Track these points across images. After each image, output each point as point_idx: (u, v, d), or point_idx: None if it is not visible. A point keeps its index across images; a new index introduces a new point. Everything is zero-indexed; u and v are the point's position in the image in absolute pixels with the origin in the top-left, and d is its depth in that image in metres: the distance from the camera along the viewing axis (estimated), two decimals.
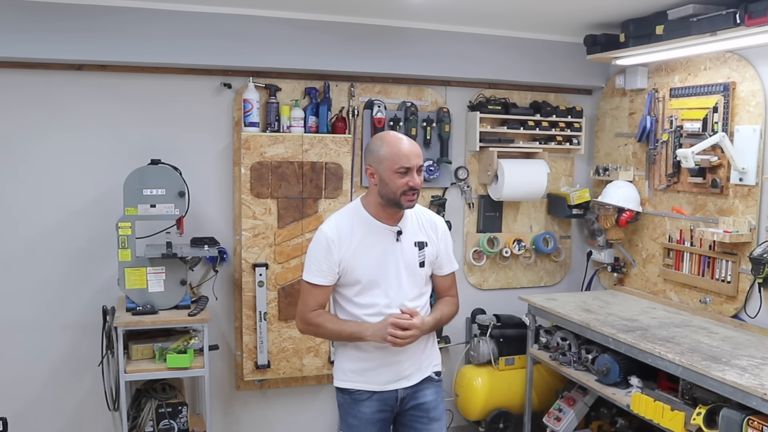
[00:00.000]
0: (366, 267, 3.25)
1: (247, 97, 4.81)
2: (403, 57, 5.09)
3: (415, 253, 3.33)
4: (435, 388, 3.47)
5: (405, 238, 3.32)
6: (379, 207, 3.26)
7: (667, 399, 3.95)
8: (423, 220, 3.41)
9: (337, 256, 3.23)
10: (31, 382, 4.80)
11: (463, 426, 5.76)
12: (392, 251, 3.29)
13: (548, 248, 5.80)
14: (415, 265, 3.33)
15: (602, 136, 5.75)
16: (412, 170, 3.17)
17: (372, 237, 3.28)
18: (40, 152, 4.65)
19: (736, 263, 4.45)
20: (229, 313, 5.15)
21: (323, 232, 3.27)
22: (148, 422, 4.42)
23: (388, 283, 3.28)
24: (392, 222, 3.30)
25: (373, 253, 3.26)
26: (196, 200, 4.72)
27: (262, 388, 5.23)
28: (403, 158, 3.15)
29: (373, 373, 3.33)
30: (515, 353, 5.42)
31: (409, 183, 3.16)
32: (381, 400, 3.35)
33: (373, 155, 3.23)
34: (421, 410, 3.42)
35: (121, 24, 4.46)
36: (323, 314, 3.30)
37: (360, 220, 3.29)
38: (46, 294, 4.76)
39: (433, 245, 3.39)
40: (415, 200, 3.25)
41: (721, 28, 3.96)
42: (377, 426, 3.38)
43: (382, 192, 3.21)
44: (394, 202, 3.20)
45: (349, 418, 3.39)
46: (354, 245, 3.24)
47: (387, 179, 3.17)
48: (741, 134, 4.39)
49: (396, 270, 3.29)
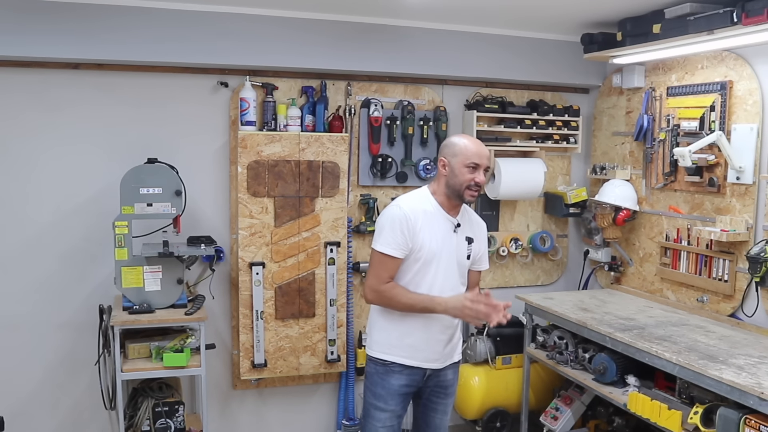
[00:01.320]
0: (428, 247, 3.57)
1: (243, 96, 4.81)
2: (400, 56, 5.09)
3: (465, 245, 3.70)
4: (454, 368, 3.86)
5: (461, 230, 3.68)
6: (445, 197, 3.62)
7: (664, 398, 3.95)
8: (473, 219, 3.81)
9: (411, 231, 3.53)
10: (27, 381, 4.79)
11: (460, 425, 5.75)
12: (449, 239, 3.64)
13: (545, 247, 5.80)
14: (463, 256, 3.69)
15: (599, 135, 5.75)
16: (479, 168, 3.54)
17: (437, 222, 3.62)
18: (36, 151, 4.64)
19: (733, 262, 4.45)
20: (226, 312, 5.14)
21: (401, 208, 3.57)
22: (145, 421, 4.42)
23: (440, 266, 3.60)
24: (453, 214, 3.67)
25: (436, 236, 3.59)
26: (192, 199, 4.72)
27: (258, 387, 5.22)
28: (475, 155, 3.54)
29: (412, 349, 3.64)
30: (512, 352, 5.42)
31: (475, 179, 3.53)
32: (410, 375, 3.68)
33: (449, 148, 3.62)
34: (441, 387, 3.80)
35: (118, 23, 4.45)
36: (397, 287, 3.58)
37: (429, 205, 3.63)
38: (43, 293, 4.75)
39: (478, 243, 3.79)
40: (476, 196, 3.59)
41: (718, 27, 3.96)
42: (402, 398, 3.71)
43: (450, 182, 3.57)
44: (458, 194, 3.57)
45: (377, 388, 3.70)
46: (424, 225, 3.56)
47: (457, 171, 3.54)
48: (738, 133, 4.39)
49: (448, 256, 3.62)
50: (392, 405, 3.68)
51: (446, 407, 3.85)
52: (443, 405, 3.83)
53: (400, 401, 3.70)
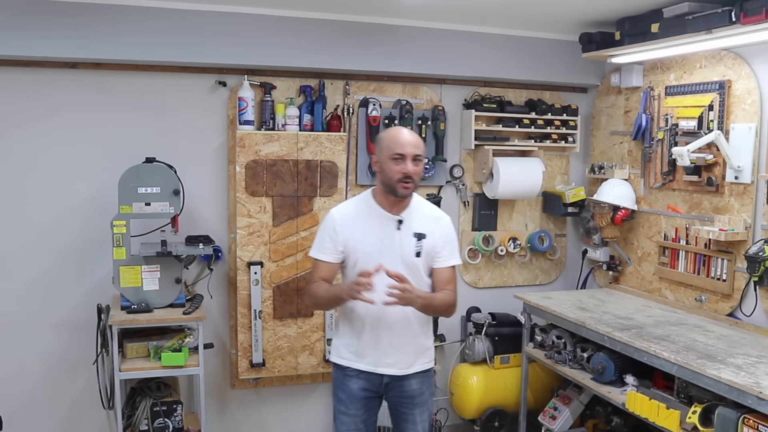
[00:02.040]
0: (364, 249, 3.48)
1: (242, 95, 4.80)
2: (399, 55, 5.08)
3: (413, 242, 3.51)
4: (421, 378, 3.66)
5: (405, 227, 3.52)
6: (384, 195, 3.51)
7: (663, 397, 3.94)
8: (427, 214, 3.62)
9: (341, 236, 3.48)
10: (25, 380, 4.79)
11: (458, 425, 5.75)
12: (390, 238, 3.50)
13: (543, 246, 5.79)
14: (411, 254, 3.51)
15: (597, 134, 5.75)
16: (406, 158, 3.39)
17: (374, 222, 3.51)
18: (34, 150, 4.64)
19: (732, 261, 4.45)
20: (224, 311, 5.14)
21: (331, 214, 3.57)
22: (143, 421, 4.41)
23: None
24: (395, 211, 3.52)
25: (372, 237, 3.49)
26: (190, 198, 4.72)
27: (257, 386, 5.22)
28: (398, 146, 3.40)
29: (361, 353, 3.56)
30: (510, 352, 5.42)
31: (403, 170, 3.37)
32: (367, 380, 3.58)
33: (377, 144, 3.55)
34: (406, 396, 3.63)
35: (116, 22, 4.44)
36: (321, 283, 3.52)
37: (366, 206, 3.56)
38: (41, 292, 4.75)
39: (432, 238, 3.55)
40: (410, 188, 3.44)
41: (716, 26, 3.96)
42: (363, 402, 3.61)
43: (381, 178, 3.47)
44: (391, 189, 3.43)
45: (338, 392, 3.65)
46: (357, 227, 3.50)
47: (385, 166, 3.43)
48: (736, 132, 4.39)
49: (392, 256, 3.46)
50: (353, 409, 3.58)
51: (416, 418, 3.64)
52: (412, 416, 3.63)
53: (361, 405, 3.60)
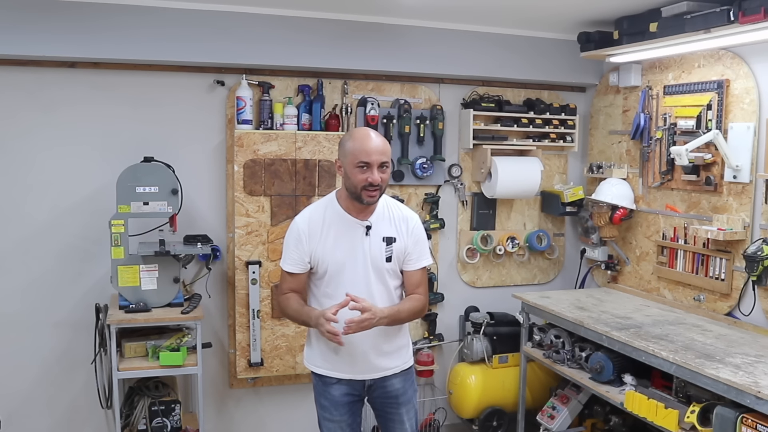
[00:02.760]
0: (334, 258, 3.37)
1: (240, 95, 4.80)
2: (397, 54, 5.08)
3: (382, 248, 3.42)
4: (403, 376, 3.60)
5: (374, 232, 3.41)
6: (349, 201, 3.38)
7: (661, 397, 3.94)
8: (395, 216, 3.49)
9: (308, 246, 3.37)
10: (23, 379, 4.79)
11: (456, 424, 5.75)
12: (360, 245, 3.39)
13: (542, 246, 5.79)
14: (381, 260, 3.41)
15: (596, 134, 5.75)
16: (372, 166, 3.25)
17: (342, 229, 3.39)
18: (32, 150, 4.63)
19: (730, 261, 4.45)
20: (222, 310, 5.13)
21: (296, 223, 3.44)
22: (141, 420, 4.42)
23: (355, 274, 3.37)
24: (362, 216, 3.40)
25: (341, 246, 3.37)
26: (189, 198, 4.71)
27: (255, 385, 5.21)
28: (363, 154, 3.24)
29: (340, 362, 3.46)
30: (509, 351, 5.42)
31: (368, 179, 3.24)
32: (348, 385, 3.51)
33: (341, 148, 3.37)
34: (389, 397, 3.58)
35: (115, 21, 4.44)
36: (291, 297, 3.44)
37: (332, 212, 3.42)
38: (39, 291, 4.75)
39: (402, 241, 3.47)
40: (375, 197, 3.32)
41: (714, 26, 3.96)
42: (347, 407, 3.55)
43: (346, 185, 3.34)
44: (356, 196, 3.31)
45: (321, 399, 3.57)
46: (324, 237, 3.37)
47: (349, 173, 3.29)
48: (735, 132, 4.39)
49: (363, 263, 3.38)
50: (338, 415, 3.53)
51: (402, 416, 3.59)
52: (398, 415, 3.58)
53: (346, 411, 3.54)
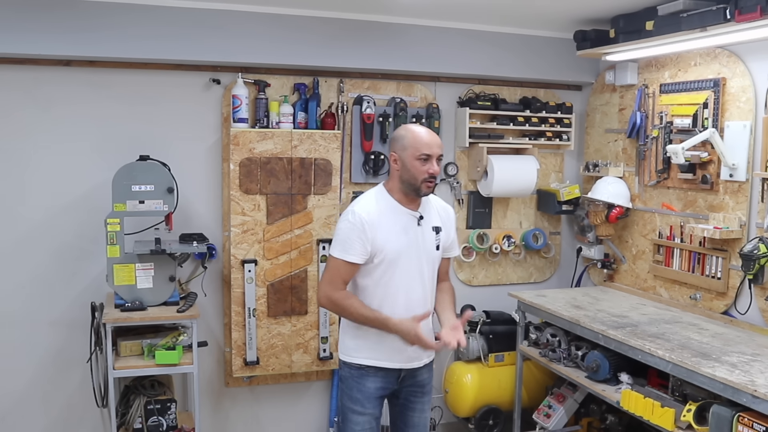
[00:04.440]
0: (391, 248, 3.44)
1: (236, 93, 4.79)
2: (393, 53, 5.08)
3: (432, 237, 3.57)
4: (428, 367, 3.74)
5: (425, 222, 3.54)
6: (401, 193, 3.48)
7: (657, 396, 3.95)
8: (438, 206, 3.68)
9: (371, 235, 3.40)
10: (19, 378, 4.77)
11: (452, 423, 5.75)
12: (414, 234, 3.50)
13: (538, 244, 5.79)
14: (432, 248, 3.57)
15: (592, 132, 5.75)
16: (432, 158, 3.39)
17: (396, 220, 3.48)
18: (28, 148, 4.62)
19: (727, 259, 4.46)
20: (218, 309, 5.13)
21: (358, 214, 3.42)
22: (137, 419, 4.41)
23: (409, 263, 3.49)
24: (414, 207, 3.52)
25: (397, 235, 3.46)
26: (184, 196, 4.70)
27: (251, 384, 5.21)
28: (425, 146, 3.38)
29: (384, 351, 3.52)
30: (505, 350, 5.41)
31: (429, 170, 3.38)
32: (385, 377, 3.58)
33: (397, 143, 3.47)
34: (417, 386, 3.69)
35: (110, 20, 4.43)
36: (351, 298, 3.47)
37: (386, 204, 3.49)
38: (35, 290, 4.73)
39: (446, 230, 3.66)
40: (433, 187, 3.46)
41: (711, 24, 3.96)
42: (378, 401, 3.63)
43: (404, 177, 3.43)
44: (414, 188, 3.43)
45: (353, 392, 3.60)
46: (383, 227, 3.43)
47: (409, 165, 3.39)
48: (731, 130, 4.39)
49: (417, 252, 3.50)
50: (370, 408, 3.59)
51: (424, 405, 3.75)
52: (421, 403, 3.73)
53: (377, 404, 3.62)
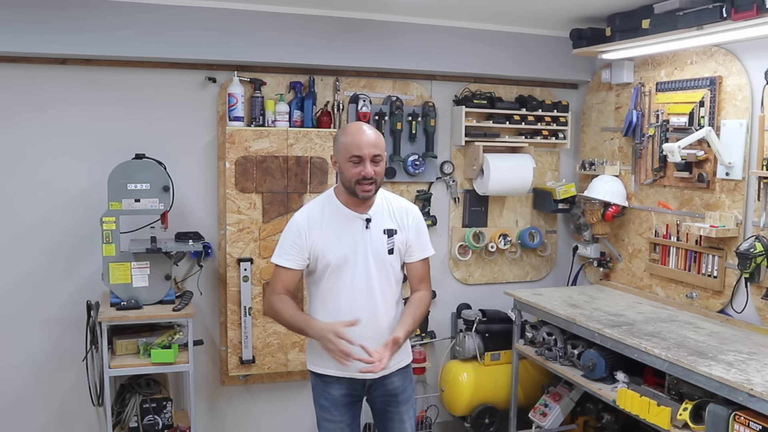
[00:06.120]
0: (335, 252, 3.37)
1: (231, 92, 4.78)
2: (389, 51, 5.07)
3: (383, 240, 3.44)
4: (402, 374, 3.61)
5: (374, 225, 3.43)
6: (347, 195, 3.39)
7: (654, 394, 3.95)
8: (395, 208, 3.52)
9: (307, 241, 3.36)
10: (14, 377, 4.76)
11: (448, 421, 5.75)
12: (361, 238, 3.41)
13: (534, 243, 5.79)
14: (383, 252, 3.44)
15: (588, 131, 5.75)
16: (364, 159, 3.27)
17: (341, 223, 3.40)
18: (23, 146, 4.61)
19: (723, 258, 4.46)
20: (214, 308, 5.12)
21: (295, 219, 3.43)
22: (133, 418, 4.40)
23: (356, 268, 3.39)
24: (361, 210, 3.42)
25: (342, 239, 3.38)
26: (180, 195, 4.70)
27: (246, 383, 5.20)
28: (355, 147, 3.27)
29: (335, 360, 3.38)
30: (501, 348, 5.41)
31: (362, 172, 3.27)
32: (349, 385, 3.51)
33: (335, 144, 3.42)
34: (389, 395, 3.58)
35: (106, 18, 4.42)
36: (285, 300, 3.41)
37: (331, 207, 3.43)
38: (30, 288, 4.72)
39: (404, 233, 3.50)
40: (371, 191, 3.34)
41: (707, 22, 3.96)
42: (347, 408, 3.56)
43: (342, 180, 3.37)
44: (351, 191, 3.34)
45: (320, 399, 3.56)
46: (324, 231, 3.38)
47: (343, 168, 3.32)
48: (727, 128, 4.39)
49: (364, 256, 3.40)
50: (338, 416, 3.52)
51: (402, 415, 3.60)
52: (398, 413, 3.59)
53: (346, 411, 3.54)
